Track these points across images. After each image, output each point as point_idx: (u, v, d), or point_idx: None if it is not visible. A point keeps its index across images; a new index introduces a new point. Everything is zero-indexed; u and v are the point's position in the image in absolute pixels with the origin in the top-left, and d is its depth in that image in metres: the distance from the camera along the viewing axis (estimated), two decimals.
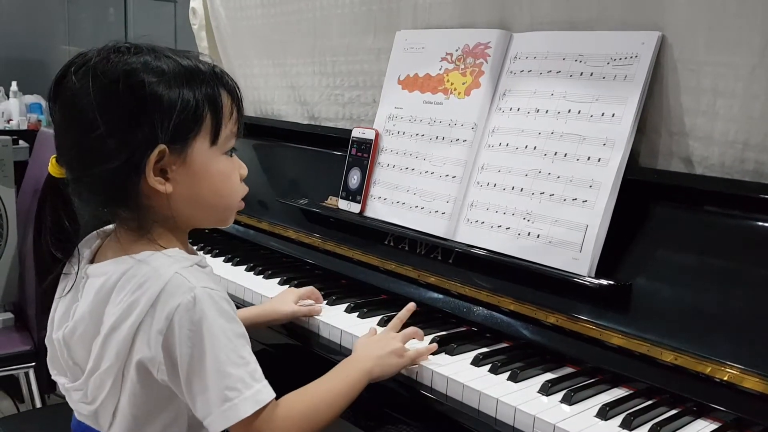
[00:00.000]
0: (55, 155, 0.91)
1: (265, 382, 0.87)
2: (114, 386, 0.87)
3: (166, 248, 0.90)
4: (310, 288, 1.35)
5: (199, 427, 0.91)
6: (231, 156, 0.95)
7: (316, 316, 1.26)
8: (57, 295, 0.95)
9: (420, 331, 1.14)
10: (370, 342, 1.10)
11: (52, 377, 0.97)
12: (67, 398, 0.96)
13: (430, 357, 1.10)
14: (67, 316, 0.92)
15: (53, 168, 0.92)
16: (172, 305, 0.83)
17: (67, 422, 1.00)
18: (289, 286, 1.41)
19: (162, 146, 0.86)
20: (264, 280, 1.49)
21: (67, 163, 0.90)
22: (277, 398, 0.89)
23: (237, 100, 0.94)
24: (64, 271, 0.94)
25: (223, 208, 0.96)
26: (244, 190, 0.97)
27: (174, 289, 0.84)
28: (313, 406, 0.93)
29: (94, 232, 0.98)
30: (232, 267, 1.59)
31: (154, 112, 0.85)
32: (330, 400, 0.95)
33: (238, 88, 0.95)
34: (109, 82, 0.85)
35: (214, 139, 0.91)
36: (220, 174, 0.93)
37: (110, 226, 0.97)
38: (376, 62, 1.62)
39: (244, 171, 0.97)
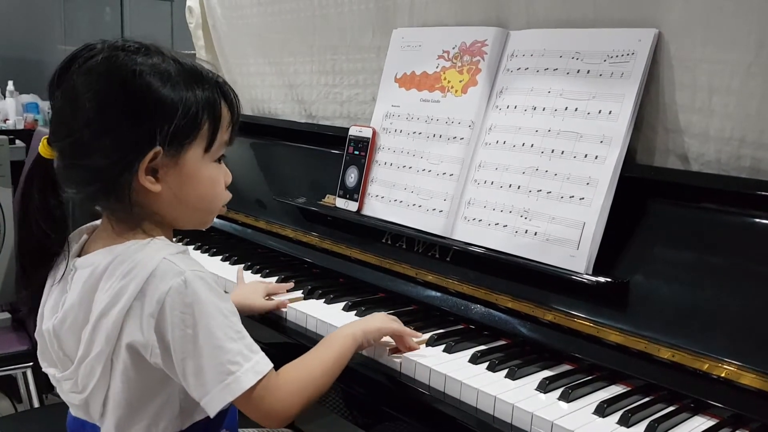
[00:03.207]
0: (46, 136, 0.92)
1: (262, 354, 0.89)
2: (104, 373, 0.88)
3: (153, 238, 0.91)
4: (278, 284, 1.40)
5: (191, 411, 0.93)
6: (220, 163, 0.96)
7: (315, 315, 1.26)
8: (47, 284, 0.95)
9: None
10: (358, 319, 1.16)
11: (43, 369, 0.97)
12: (57, 389, 0.96)
13: (428, 354, 1.10)
14: (56, 308, 0.92)
15: (44, 149, 0.92)
16: (162, 289, 0.84)
17: (65, 422, 1.00)
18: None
19: (158, 148, 0.87)
20: (262, 279, 1.48)
21: (59, 149, 0.90)
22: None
23: (235, 112, 0.95)
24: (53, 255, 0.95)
25: (205, 212, 0.98)
26: (227, 196, 0.99)
27: (163, 274, 0.85)
28: (309, 373, 0.96)
29: (81, 227, 0.98)
30: (230, 266, 1.59)
31: (155, 116, 0.86)
32: (323, 367, 0.98)
33: (237, 98, 0.96)
34: (114, 80, 0.86)
35: (208, 147, 0.92)
36: (209, 180, 0.94)
37: (96, 222, 0.98)
38: (374, 60, 1.63)
39: (229, 178, 0.99)
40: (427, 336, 1.16)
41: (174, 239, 0.97)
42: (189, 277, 0.85)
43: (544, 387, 0.99)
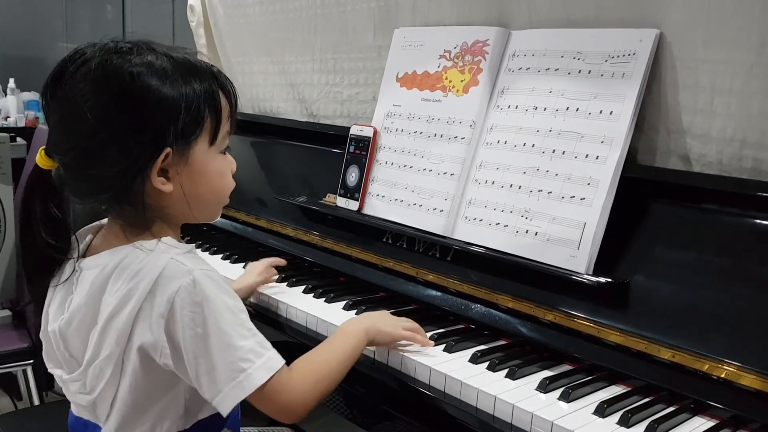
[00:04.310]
0: (43, 147, 0.91)
1: (274, 351, 0.89)
2: (114, 374, 0.88)
3: (160, 238, 0.90)
4: (274, 258, 1.45)
5: (196, 411, 0.93)
6: (225, 154, 0.96)
7: (315, 313, 1.26)
8: (51, 285, 0.95)
9: (422, 331, 1.14)
10: (369, 313, 1.18)
11: (49, 370, 0.97)
12: (64, 390, 0.96)
13: (429, 353, 1.10)
14: (62, 309, 0.92)
15: (42, 160, 0.91)
16: (172, 289, 0.84)
17: (65, 419, 1.00)
18: (287, 284, 1.41)
19: (167, 149, 0.86)
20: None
21: (64, 163, 0.89)
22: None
23: (233, 100, 0.95)
24: (58, 262, 0.94)
25: (216, 204, 0.97)
26: (233, 184, 0.99)
27: (172, 274, 0.85)
28: (323, 366, 0.97)
29: (86, 227, 0.98)
30: (231, 264, 1.59)
31: (160, 117, 0.85)
32: (337, 360, 0.98)
33: (233, 86, 0.95)
34: (112, 86, 0.84)
35: (212, 140, 0.92)
36: (217, 172, 0.94)
37: (101, 222, 0.97)
38: (375, 60, 1.63)
39: (234, 166, 0.98)
40: (427, 336, 1.16)
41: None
42: (197, 276, 0.85)
43: (545, 387, 0.99)
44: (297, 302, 1.32)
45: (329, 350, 1.00)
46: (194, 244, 1.74)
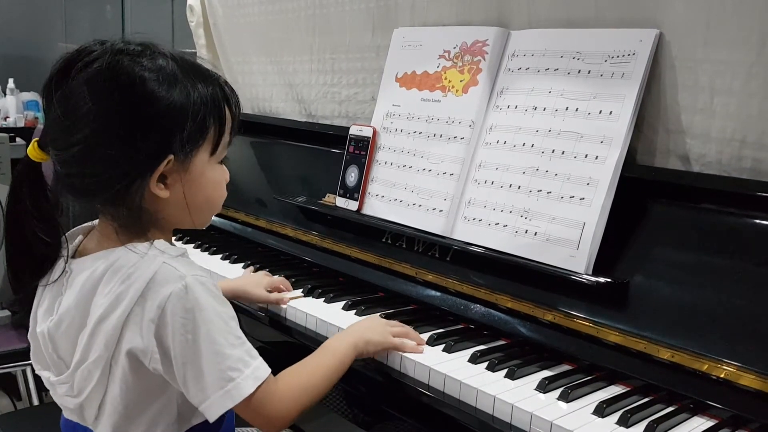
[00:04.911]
0: (36, 139, 0.90)
1: (261, 359, 0.89)
2: (101, 378, 0.87)
3: (152, 240, 0.90)
4: (281, 278, 1.38)
5: (189, 416, 0.93)
6: (222, 164, 0.96)
7: (315, 314, 1.26)
8: (41, 284, 0.94)
9: (414, 332, 1.14)
10: (358, 321, 1.15)
11: (36, 371, 0.97)
12: (51, 393, 0.95)
13: (427, 354, 1.10)
14: (51, 310, 0.91)
15: (34, 152, 0.90)
16: (163, 294, 0.83)
17: None
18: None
19: (170, 156, 0.86)
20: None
21: (62, 159, 0.87)
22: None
23: (236, 112, 0.94)
24: (50, 260, 0.93)
25: (208, 212, 0.97)
26: (225, 195, 0.99)
27: (164, 279, 0.84)
28: (308, 379, 0.96)
29: (76, 228, 0.97)
30: (230, 264, 1.59)
31: (167, 123, 0.85)
32: (323, 373, 0.98)
33: (237, 98, 0.95)
34: (121, 88, 0.83)
35: (213, 150, 0.92)
36: (213, 182, 0.94)
37: (92, 222, 0.96)
38: (374, 60, 1.62)
39: (228, 176, 0.98)
40: (426, 336, 1.16)
41: (173, 237, 0.97)
42: (190, 282, 0.84)
43: (544, 387, 0.99)
44: (296, 302, 1.32)
45: (316, 364, 0.99)
46: (192, 245, 1.74)
